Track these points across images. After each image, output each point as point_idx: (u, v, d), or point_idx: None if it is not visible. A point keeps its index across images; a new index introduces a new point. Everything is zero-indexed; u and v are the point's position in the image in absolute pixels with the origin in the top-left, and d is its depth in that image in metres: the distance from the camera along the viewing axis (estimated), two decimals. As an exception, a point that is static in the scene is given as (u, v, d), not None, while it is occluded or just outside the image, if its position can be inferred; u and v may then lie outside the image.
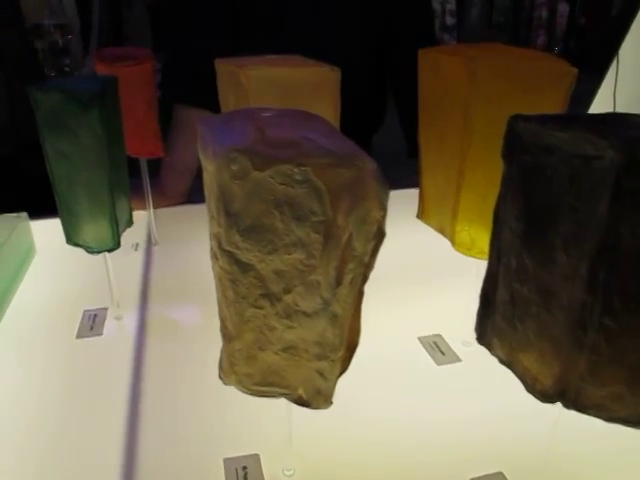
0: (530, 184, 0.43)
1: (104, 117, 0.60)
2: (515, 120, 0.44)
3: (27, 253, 0.91)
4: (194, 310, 0.79)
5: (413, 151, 0.79)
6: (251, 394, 0.45)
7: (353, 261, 0.38)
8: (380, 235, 0.37)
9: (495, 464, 0.55)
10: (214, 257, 0.40)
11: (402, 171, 0.98)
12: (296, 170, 0.35)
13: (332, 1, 1.12)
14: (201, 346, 0.71)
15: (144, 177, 0.89)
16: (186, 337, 0.73)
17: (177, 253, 0.93)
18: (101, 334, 0.74)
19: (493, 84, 0.56)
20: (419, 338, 0.73)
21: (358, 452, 0.56)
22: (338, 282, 0.39)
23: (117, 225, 0.66)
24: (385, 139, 1.36)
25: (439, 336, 0.74)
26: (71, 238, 0.69)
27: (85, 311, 0.78)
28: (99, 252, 0.68)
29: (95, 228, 0.66)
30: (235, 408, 0.61)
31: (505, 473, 0.54)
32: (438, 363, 0.69)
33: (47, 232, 0.97)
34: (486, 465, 0.55)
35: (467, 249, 0.64)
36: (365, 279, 0.39)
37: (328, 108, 0.57)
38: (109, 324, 0.76)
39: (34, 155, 1.22)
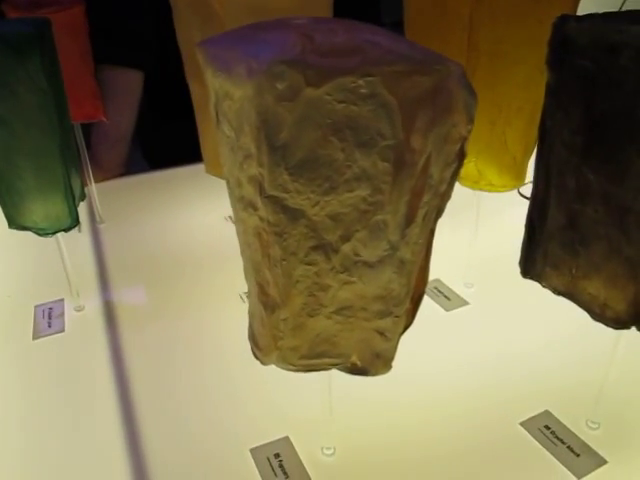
0: (589, 91, 0.38)
1: (46, 66, 0.50)
2: (565, 21, 0.38)
3: (-50, 249, 0.78)
4: (162, 289, 0.70)
5: None
6: (296, 370, 0.38)
7: (428, 192, 0.31)
8: (461, 156, 0.31)
9: (539, 403, 0.51)
10: (250, 208, 0.32)
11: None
12: (361, 82, 0.27)
13: None
14: (184, 326, 0.63)
15: (80, 147, 0.77)
16: (163, 320, 0.64)
17: (127, 230, 0.83)
18: (63, 330, 0.63)
19: None
20: (418, 287, 0.68)
21: (398, 417, 0.51)
22: (409, 220, 0.32)
23: (73, 198, 0.55)
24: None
25: (438, 280, 0.69)
26: (14, 220, 0.57)
27: (37, 306, 0.67)
28: (53, 233, 0.57)
29: (46, 205, 0.56)
30: (245, 390, 0.54)
31: (551, 410, 0.51)
32: (446, 309, 0.64)
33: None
34: (531, 406, 0.51)
35: (474, 182, 0.59)
36: (440, 213, 0.33)
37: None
38: (70, 317, 0.65)
39: None
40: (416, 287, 0.36)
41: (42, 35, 0.49)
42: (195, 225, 0.83)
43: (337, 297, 0.34)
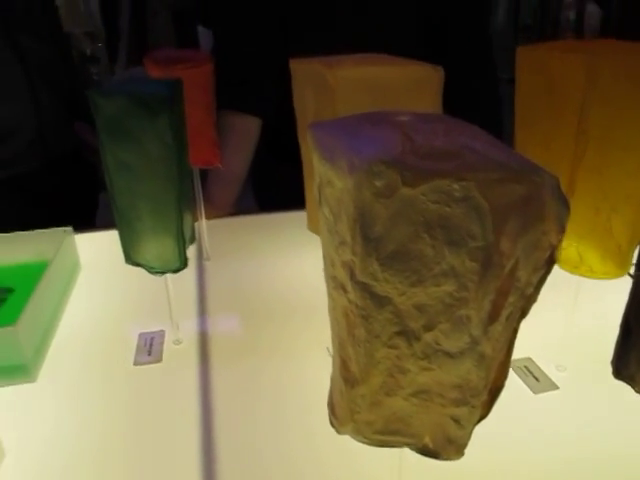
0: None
1: (173, 124, 0.55)
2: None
3: (73, 269, 0.85)
4: (255, 330, 0.73)
5: None
6: (369, 444, 0.39)
7: (514, 293, 0.32)
8: (551, 263, 0.31)
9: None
10: (340, 289, 0.34)
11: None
12: (455, 186, 0.29)
13: (381, 6, 1.06)
14: (273, 372, 0.65)
15: (197, 188, 0.84)
16: (251, 361, 0.67)
17: (231, 269, 0.87)
18: (160, 360, 0.68)
19: (615, 85, 0.50)
20: (508, 362, 0.67)
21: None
22: (492, 318, 0.32)
23: (184, 243, 0.60)
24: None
25: (529, 359, 0.67)
26: (130, 257, 0.63)
27: (141, 334, 0.72)
28: (162, 273, 0.62)
29: (158, 246, 0.60)
30: (322, 443, 0.55)
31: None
32: (534, 391, 0.62)
33: (90, 247, 0.92)
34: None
35: (574, 267, 0.57)
36: (524, 314, 0.33)
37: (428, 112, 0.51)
38: (168, 349, 0.70)
39: (62, 168, 1.18)
40: (495, 380, 0.36)
41: (173, 97, 0.54)
42: (293, 271, 0.86)
43: (415, 381, 0.35)
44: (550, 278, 0.62)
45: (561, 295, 0.64)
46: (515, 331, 0.34)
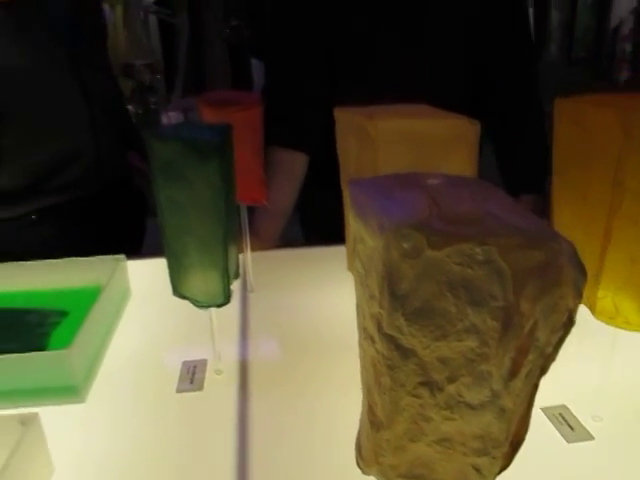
0: None
1: (223, 168, 0.58)
2: None
3: (124, 296, 0.90)
4: (297, 367, 0.75)
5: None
6: (394, 486, 0.40)
7: (534, 352, 0.33)
8: (569, 324, 0.33)
9: None
10: (369, 339, 0.36)
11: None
12: (478, 250, 0.31)
13: (427, 48, 1.09)
14: (309, 406, 0.67)
15: (243, 224, 0.87)
16: (290, 399, 0.69)
17: (274, 301, 0.90)
18: (202, 389, 0.71)
19: (650, 139, 0.51)
20: (542, 409, 0.67)
21: None
22: (512, 374, 0.34)
23: (229, 279, 0.63)
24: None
25: (565, 407, 0.67)
26: (177, 289, 0.66)
27: (184, 362, 0.76)
28: (207, 307, 0.65)
29: (204, 281, 0.64)
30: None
31: None
32: (568, 440, 0.62)
33: (140, 274, 0.97)
34: None
35: (610, 318, 0.58)
36: (543, 372, 0.35)
37: (465, 165, 0.53)
38: (209, 378, 0.73)
39: (115, 194, 1.24)
40: (516, 433, 0.37)
41: (223, 142, 0.58)
42: (335, 308, 0.87)
43: (438, 429, 0.37)
44: (586, 328, 0.62)
45: (598, 345, 0.63)
46: (535, 387, 0.35)
